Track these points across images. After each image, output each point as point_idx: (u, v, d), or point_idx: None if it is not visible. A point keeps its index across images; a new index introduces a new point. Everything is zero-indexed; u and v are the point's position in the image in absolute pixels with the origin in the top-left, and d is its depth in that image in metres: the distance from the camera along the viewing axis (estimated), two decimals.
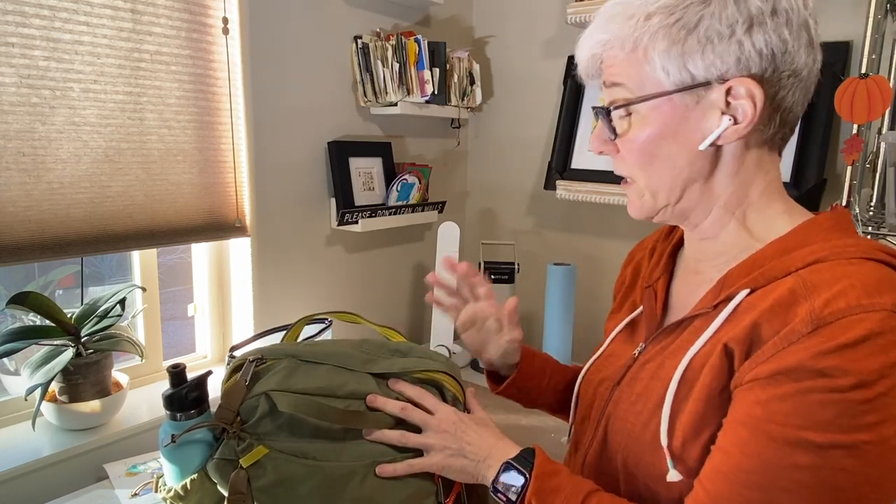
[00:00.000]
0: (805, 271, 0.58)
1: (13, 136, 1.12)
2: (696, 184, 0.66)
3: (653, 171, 0.66)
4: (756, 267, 0.63)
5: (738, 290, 0.62)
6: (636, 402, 0.69)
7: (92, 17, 1.19)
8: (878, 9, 1.26)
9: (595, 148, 0.70)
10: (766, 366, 0.55)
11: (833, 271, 0.57)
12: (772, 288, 0.60)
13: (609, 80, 0.66)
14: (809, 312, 0.54)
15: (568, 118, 1.86)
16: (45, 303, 1.19)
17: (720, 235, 0.69)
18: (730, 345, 0.59)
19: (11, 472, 1.12)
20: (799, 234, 0.64)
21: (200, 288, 1.59)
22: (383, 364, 0.77)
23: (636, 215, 0.71)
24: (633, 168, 0.68)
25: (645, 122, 0.64)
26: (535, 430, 1.62)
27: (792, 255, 0.61)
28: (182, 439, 0.70)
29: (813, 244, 0.61)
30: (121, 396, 1.30)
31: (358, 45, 1.68)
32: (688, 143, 0.64)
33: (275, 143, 1.55)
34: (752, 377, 0.56)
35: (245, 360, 0.75)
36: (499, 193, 2.16)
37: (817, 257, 0.59)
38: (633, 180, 0.69)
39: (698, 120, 0.63)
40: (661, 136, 0.64)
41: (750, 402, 0.56)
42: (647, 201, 0.69)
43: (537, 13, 1.98)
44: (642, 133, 0.65)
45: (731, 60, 0.60)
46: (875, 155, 1.33)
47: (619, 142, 0.68)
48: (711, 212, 0.68)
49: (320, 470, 0.68)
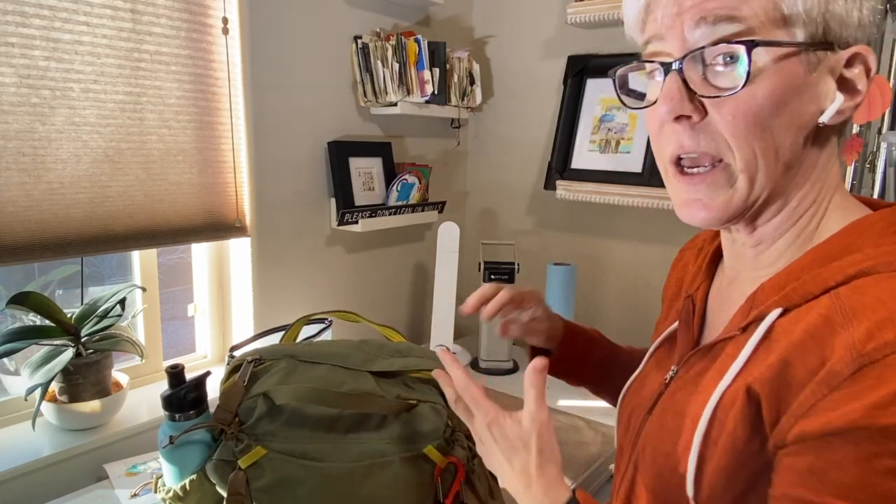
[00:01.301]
0: (846, 289, 0.47)
1: (13, 136, 1.12)
2: (790, 172, 0.52)
3: (761, 145, 0.50)
4: (791, 279, 0.51)
5: (768, 310, 0.52)
6: (666, 439, 0.59)
7: (92, 17, 1.19)
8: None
9: (669, 110, 0.51)
10: (811, 422, 0.45)
11: (879, 290, 0.45)
12: (808, 308, 0.49)
13: (717, 10, 0.48)
14: (850, 348, 0.43)
15: (568, 118, 1.85)
16: (45, 303, 1.19)
17: (776, 242, 0.56)
18: (754, 387, 0.49)
19: (11, 472, 1.12)
20: (845, 236, 0.52)
21: (200, 288, 1.59)
22: (383, 363, 0.77)
23: (709, 219, 0.54)
24: (735, 139, 0.50)
25: (766, 77, 0.48)
26: None
27: (832, 264, 0.49)
28: (181, 440, 0.70)
29: (860, 251, 0.49)
30: (121, 396, 1.30)
31: (358, 45, 1.68)
32: (801, 116, 0.50)
33: (275, 143, 1.55)
34: (796, 436, 0.46)
35: (244, 361, 0.75)
36: (499, 193, 2.16)
37: (861, 268, 0.47)
38: (718, 161, 0.52)
39: (815, 88, 0.50)
40: (783, 99, 0.49)
41: (802, 471, 0.45)
42: (739, 191, 0.52)
43: (537, 13, 1.98)
44: (761, 90, 0.48)
45: (854, 21, 0.49)
46: (875, 155, 1.33)
47: (714, 102, 0.50)
48: (782, 211, 0.54)
49: (319, 470, 0.68)
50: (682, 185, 0.54)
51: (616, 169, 1.73)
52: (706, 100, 0.50)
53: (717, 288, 0.65)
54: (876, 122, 1.32)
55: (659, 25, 0.52)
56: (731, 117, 0.50)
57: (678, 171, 0.54)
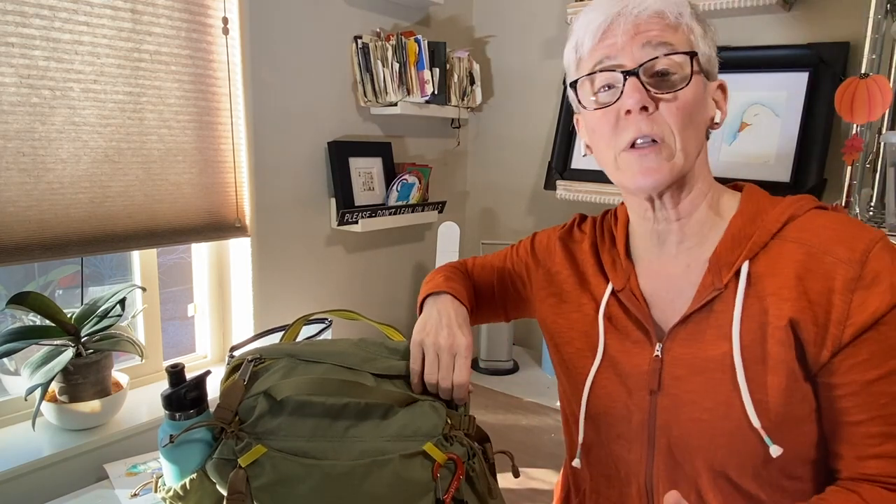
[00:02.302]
0: (791, 232, 0.68)
1: (13, 136, 1.12)
2: (699, 158, 0.72)
3: (689, 132, 0.69)
4: (742, 238, 0.70)
5: (740, 264, 0.68)
6: (700, 399, 0.68)
7: (92, 17, 1.19)
8: (878, 9, 1.26)
9: (638, 101, 0.67)
10: (856, 319, 0.62)
11: (814, 225, 0.67)
12: (765, 253, 0.68)
13: (658, 37, 0.68)
14: (845, 262, 0.63)
15: (568, 118, 1.85)
16: (45, 303, 1.19)
17: (693, 215, 0.73)
18: (795, 317, 0.64)
19: (11, 472, 1.12)
20: (750, 204, 0.72)
21: (200, 288, 1.59)
22: (384, 363, 0.77)
23: (658, 180, 0.69)
24: (675, 126, 0.68)
25: (694, 86, 0.68)
26: (535, 430, 1.63)
27: (760, 221, 0.70)
28: (181, 439, 0.70)
29: (767, 209, 0.70)
30: (121, 396, 1.30)
31: (358, 45, 1.68)
32: (705, 117, 0.71)
33: (275, 143, 1.55)
34: (851, 335, 0.62)
35: (244, 360, 0.75)
36: (499, 193, 2.16)
37: (787, 216, 0.68)
38: (662, 141, 0.68)
39: (707, 101, 0.72)
40: (698, 102, 0.69)
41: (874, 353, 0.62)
42: (677, 163, 0.69)
43: (537, 13, 1.98)
44: (691, 94, 0.68)
45: (716, 64, 0.72)
46: (875, 155, 1.33)
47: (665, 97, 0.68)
48: (693, 188, 0.73)
49: (319, 469, 0.68)
50: (636, 158, 0.69)
51: None
52: (659, 96, 0.68)
53: (642, 273, 0.79)
54: (876, 122, 1.32)
55: (612, 48, 0.69)
56: (676, 110, 0.68)
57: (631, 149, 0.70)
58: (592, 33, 0.71)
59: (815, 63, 1.43)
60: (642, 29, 0.68)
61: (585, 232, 0.89)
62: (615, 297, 0.79)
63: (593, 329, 0.80)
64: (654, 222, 0.76)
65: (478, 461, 0.75)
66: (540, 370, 1.87)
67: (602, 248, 0.84)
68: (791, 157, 1.46)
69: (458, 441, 0.74)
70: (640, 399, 0.73)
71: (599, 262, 0.83)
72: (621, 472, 0.76)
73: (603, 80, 0.71)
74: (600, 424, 0.78)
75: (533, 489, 1.51)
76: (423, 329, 0.77)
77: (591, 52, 0.71)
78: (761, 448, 0.65)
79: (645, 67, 0.68)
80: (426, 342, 0.75)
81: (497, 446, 0.80)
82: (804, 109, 1.45)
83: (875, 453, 0.63)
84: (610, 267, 0.81)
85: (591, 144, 0.78)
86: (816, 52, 1.43)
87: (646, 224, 0.77)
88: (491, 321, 1.02)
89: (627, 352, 0.76)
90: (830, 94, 1.31)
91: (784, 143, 1.48)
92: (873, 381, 0.62)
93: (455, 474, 0.72)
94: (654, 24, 0.68)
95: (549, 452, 1.55)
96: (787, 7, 1.49)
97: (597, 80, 0.72)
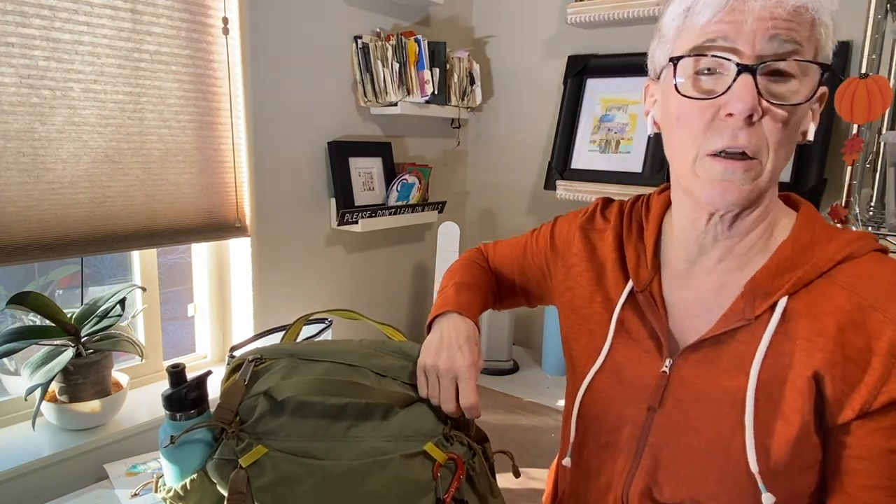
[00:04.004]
0: (842, 275, 0.61)
1: (13, 136, 1.12)
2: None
3: (783, 152, 0.60)
4: (787, 269, 0.63)
5: (778, 297, 0.62)
6: (701, 428, 0.64)
7: (92, 17, 1.19)
8: (878, 9, 1.26)
9: (747, 107, 0.57)
10: (892, 386, 0.57)
11: (873, 272, 0.60)
12: (807, 291, 0.61)
13: (790, 31, 0.57)
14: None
15: (568, 118, 1.86)
16: (45, 303, 1.19)
17: (749, 235, 0.66)
18: (821, 371, 0.59)
19: (11, 472, 1.12)
20: (804, 229, 0.65)
21: (200, 288, 1.59)
22: (385, 360, 0.77)
23: (737, 200, 0.61)
24: (773, 143, 0.59)
25: (809, 101, 0.59)
26: (535, 430, 1.63)
27: (811, 254, 0.62)
28: (181, 439, 0.70)
29: (822, 242, 0.63)
30: (121, 396, 1.30)
31: (358, 45, 1.68)
32: (801, 131, 0.63)
33: (275, 143, 1.55)
34: (883, 402, 0.57)
35: (244, 360, 0.75)
36: (499, 193, 2.16)
37: (845, 255, 0.61)
38: (756, 157, 0.59)
39: (807, 114, 0.62)
40: (804, 114, 0.61)
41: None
42: (760, 184, 0.61)
43: (537, 13, 1.98)
44: (804, 111, 0.60)
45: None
46: (875, 155, 1.33)
47: (776, 110, 0.58)
48: (756, 209, 0.65)
49: (320, 469, 0.68)
50: (721, 167, 0.60)
51: (616, 169, 1.73)
52: (771, 106, 0.58)
53: (672, 282, 0.71)
54: (876, 122, 1.32)
55: (735, 27, 0.57)
56: (783, 126, 0.58)
57: (717, 157, 0.60)
58: (716, 3, 0.58)
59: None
60: (777, 15, 0.56)
61: (610, 220, 0.80)
62: (633, 298, 0.72)
63: (602, 329, 0.74)
64: (703, 234, 0.68)
65: (478, 460, 0.75)
66: (540, 370, 1.87)
67: (627, 241, 0.76)
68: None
69: (459, 441, 0.74)
70: (636, 412, 0.69)
71: (622, 257, 0.75)
72: (602, 479, 0.73)
73: (709, 63, 0.60)
74: (590, 428, 0.74)
75: (533, 489, 1.51)
76: (426, 352, 0.75)
77: (707, 24, 0.59)
78: (753, 494, 0.61)
79: (766, 65, 0.57)
80: (427, 366, 0.73)
81: (497, 446, 0.80)
82: None
83: None
84: (633, 264, 0.74)
85: (665, 128, 0.67)
86: None
87: (691, 231, 0.69)
88: (518, 306, 0.98)
89: (636, 359, 0.71)
90: (830, 94, 1.31)
91: None
92: (891, 451, 0.58)
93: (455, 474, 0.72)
94: (792, 14, 0.57)
95: (549, 452, 1.55)
96: None
97: (702, 62, 0.61)
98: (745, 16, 0.57)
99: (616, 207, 0.81)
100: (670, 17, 0.63)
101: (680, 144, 0.64)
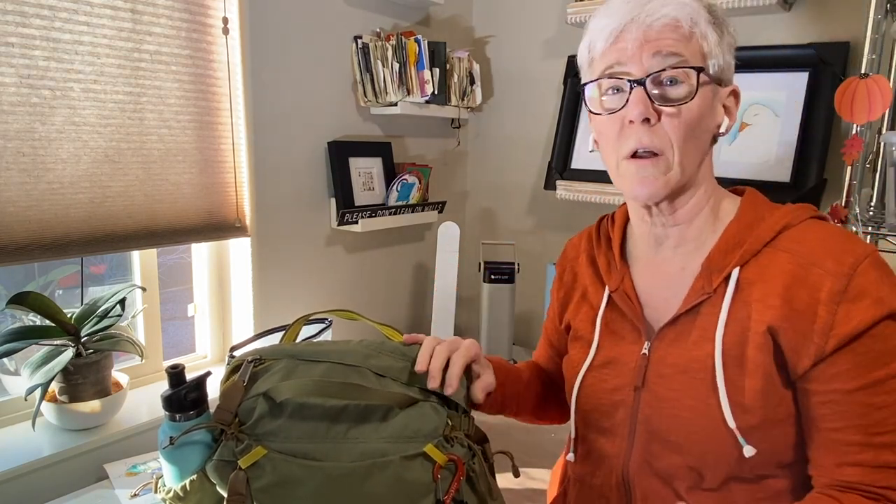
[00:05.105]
0: (783, 241, 0.69)
1: (13, 136, 1.12)
2: (701, 166, 0.73)
3: (689, 146, 0.70)
4: (736, 245, 0.71)
5: (730, 270, 0.70)
6: (681, 397, 0.71)
7: (92, 17, 1.19)
8: (878, 9, 1.26)
9: (641, 113, 0.68)
10: (840, 330, 0.63)
11: (808, 236, 0.68)
12: (756, 261, 0.70)
13: (669, 47, 0.68)
14: (833, 274, 0.64)
15: (568, 118, 1.85)
16: (45, 303, 1.19)
17: (694, 221, 0.75)
18: (773, 324, 0.66)
19: (11, 472, 1.12)
20: (748, 210, 0.74)
21: (200, 288, 1.59)
22: (385, 361, 0.77)
23: (654, 192, 0.71)
24: (675, 139, 0.69)
25: (700, 98, 0.69)
26: (535, 430, 1.62)
27: (756, 229, 0.71)
28: (181, 441, 0.70)
29: (764, 217, 0.72)
30: (121, 396, 1.30)
31: (358, 45, 1.68)
32: (710, 126, 0.72)
33: (275, 143, 1.55)
34: (834, 345, 0.63)
35: (244, 361, 0.75)
36: (499, 193, 2.16)
37: (783, 225, 0.70)
38: (662, 153, 0.70)
39: (715, 109, 0.72)
40: (703, 114, 0.70)
41: (856, 364, 0.63)
42: (673, 176, 0.70)
43: (537, 13, 1.98)
44: (696, 108, 0.69)
45: (732, 69, 0.73)
46: (875, 155, 1.33)
47: (668, 110, 0.69)
48: (694, 196, 0.74)
49: (319, 470, 0.68)
50: (636, 167, 0.71)
51: None
52: (663, 108, 0.69)
53: (643, 276, 0.80)
54: (876, 122, 1.32)
55: (622, 53, 0.70)
56: (678, 123, 0.69)
57: (631, 158, 0.71)
58: (605, 37, 0.72)
59: (815, 63, 1.43)
60: (653, 37, 0.69)
61: (581, 247, 0.91)
62: (612, 301, 0.81)
63: (590, 335, 0.83)
64: (652, 226, 0.78)
65: (478, 461, 0.74)
66: None
67: (598, 253, 0.86)
68: (791, 157, 1.46)
69: (459, 442, 0.74)
70: (625, 395, 0.76)
71: (597, 270, 0.85)
72: (604, 464, 0.79)
73: (610, 84, 0.72)
74: (589, 420, 0.81)
75: (533, 489, 1.51)
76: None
77: (603, 55, 0.72)
78: (735, 448, 0.67)
79: (652, 77, 0.68)
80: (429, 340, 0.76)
81: (497, 446, 0.80)
82: (804, 109, 1.45)
83: (853, 461, 0.64)
84: (605, 268, 0.84)
85: (598, 143, 0.80)
86: (816, 52, 1.43)
87: (644, 226, 0.80)
88: None
89: (620, 350, 0.79)
90: (830, 94, 1.31)
91: (784, 143, 1.48)
92: (853, 391, 0.64)
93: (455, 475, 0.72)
94: (666, 32, 0.68)
95: (549, 452, 1.55)
96: (787, 7, 1.49)
97: (604, 84, 0.73)
98: (627, 43, 0.69)
99: (585, 235, 0.92)
100: (581, 56, 0.78)
101: (605, 154, 0.76)
